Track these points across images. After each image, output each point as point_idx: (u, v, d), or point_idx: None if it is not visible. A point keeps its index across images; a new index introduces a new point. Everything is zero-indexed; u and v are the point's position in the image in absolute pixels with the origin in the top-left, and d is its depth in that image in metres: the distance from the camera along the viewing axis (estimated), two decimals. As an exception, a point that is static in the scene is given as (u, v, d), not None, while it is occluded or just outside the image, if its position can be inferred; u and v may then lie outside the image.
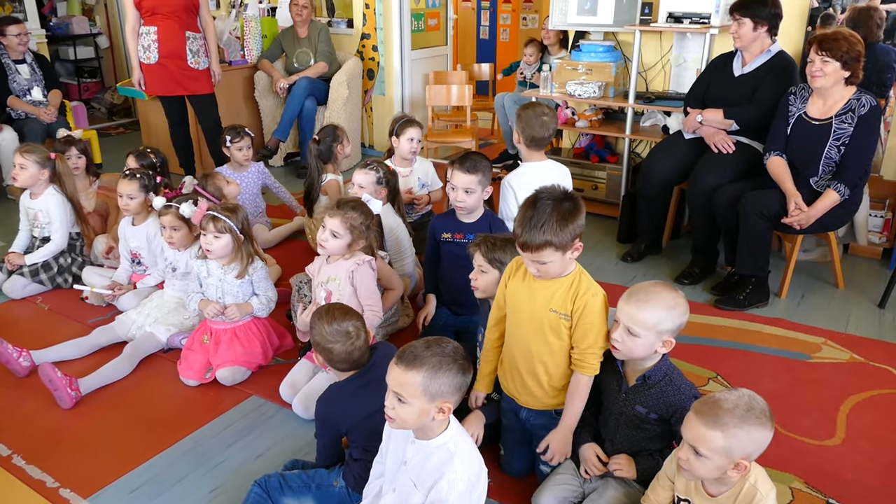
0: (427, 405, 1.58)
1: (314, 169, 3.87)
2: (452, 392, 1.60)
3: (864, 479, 2.23)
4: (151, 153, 3.73)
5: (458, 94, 5.73)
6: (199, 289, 2.84)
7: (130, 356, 2.85)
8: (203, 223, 2.70)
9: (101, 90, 7.73)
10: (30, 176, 3.45)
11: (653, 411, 1.90)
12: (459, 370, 1.60)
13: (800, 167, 3.23)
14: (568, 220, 1.85)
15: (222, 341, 2.77)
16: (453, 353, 1.61)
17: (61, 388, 2.57)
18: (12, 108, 4.92)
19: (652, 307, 1.81)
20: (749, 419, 1.54)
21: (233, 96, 5.56)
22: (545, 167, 3.03)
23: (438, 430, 1.66)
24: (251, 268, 2.80)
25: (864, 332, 3.13)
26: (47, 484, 2.21)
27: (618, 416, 1.98)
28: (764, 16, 3.37)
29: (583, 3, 4.33)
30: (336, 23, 6.22)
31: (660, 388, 1.89)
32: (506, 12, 8.45)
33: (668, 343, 1.85)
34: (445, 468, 1.62)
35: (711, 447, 1.54)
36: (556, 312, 1.96)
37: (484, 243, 2.31)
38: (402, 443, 1.74)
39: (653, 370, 1.90)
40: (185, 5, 4.41)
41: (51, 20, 7.16)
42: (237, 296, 2.80)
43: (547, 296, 1.97)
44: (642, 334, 1.82)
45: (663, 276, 3.70)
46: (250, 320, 2.85)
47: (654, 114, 4.38)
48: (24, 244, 3.59)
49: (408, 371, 1.58)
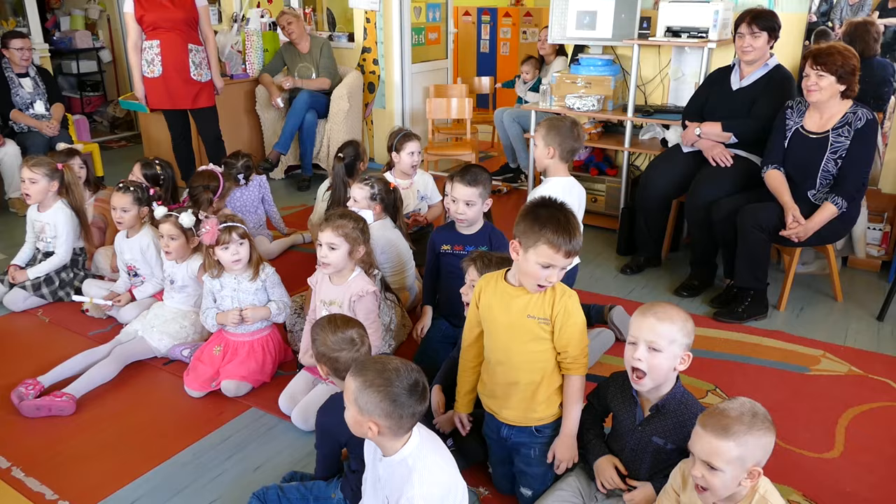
0: (359, 417, 1.61)
1: (340, 185, 3.84)
2: (377, 413, 1.58)
3: (862, 491, 2.23)
4: (158, 164, 3.75)
5: (458, 108, 5.76)
6: (213, 304, 2.85)
7: (119, 357, 2.86)
8: (222, 238, 2.71)
9: (103, 104, 7.78)
10: (41, 189, 3.46)
11: (670, 441, 1.86)
12: (384, 395, 1.57)
13: (797, 180, 3.24)
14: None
15: (239, 354, 2.79)
16: (382, 372, 1.60)
17: (50, 406, 2.60)
18: (15, 122, 4.95)
19: (671, 319, 1.81)
20: (756, 425, 1.54)
21: (234, 109, 5.60)
22: (570, 183, 3.01)
23: (397, 445, 1.64)
24: (263, 272, 2.82)
25: (863, 344, 3.13)
26: (46, 496, 2.21)
27: (634, 448, 1.93)
28: (777, 29, 3.41)
29: (582, 17, 4.37)
30: (337, 37, 6.26)
31: (676, 417, 1.85)
32: (506, 26, 8.50)
33: (687, 357, 1.84)
34: (405, 485, 1.61)
35: (726, 458, 1.53)
36: (534, 318, 1.95)
37: (480, 259, 2.32)
38: (376, 459, 1.74)
39: (667, 398, 1.87)
40: (186, 19, 4.45)
41: (54, 34, 7.22)
42: (253, 303, 2.82)
43: (522, 304, 1.96)
44: (665, 348, 1.80)
45: (662, 288, 3.71)
46: (268, 335, 2.87)
47: (653, 127, 4.41)
48: (27, 257, 3.60)
49: (349, 380, 1.64)
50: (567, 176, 3.03)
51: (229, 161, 4.01)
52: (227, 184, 3.54)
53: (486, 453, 2.24)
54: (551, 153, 2.97)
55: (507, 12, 8.49)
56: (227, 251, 2.73)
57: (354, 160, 3.88)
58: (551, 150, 2.96)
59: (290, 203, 5.13)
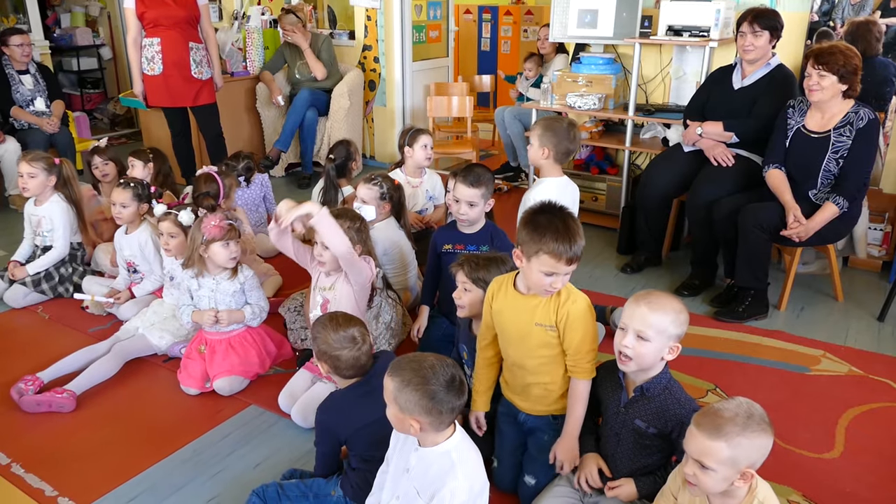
0: (400, 415, 1.64)
1: (331, 185, 3.84)
2: (417, 411, 1.60)
3: (862, 492, 2.23)
4: (150, 152, 3.77)
5: (459, 106, 5.76)
6: (191, 301, 2.84)
7: (119, 354, 2.85)
8: (227, 236, 2.70)
9: (103, 101, 7.77)
10: (39, 184, 3.48)
11: (652, 426, 1.89)
12: (423, 393, 1.60)
13: (799, 180, 3.24)
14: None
15: (217, 351, 2.78)
16: (419, 370, 1.62)
17: (50, 402, 2.60)
18: (15, 119, 4.95)
19: (663, 309, 1.82)
20: (751, 426, 1.53)
21: (235, 107, 5.59)
22: (564, 182, 3.01)
23: (441, 437, 1.67)
24: (242, 273, 2.81)
25: (863, 344, 3.13)
26: (46, 492, 2.22)
27: (618, 431, 1.96)
28: (779, 28, 3.40)
29: (583, 15, 4.36)
30: (338, 34, 6.26)
31: (660, 401, 1.88)
32: (507, 24, 8.50)
33: (676, 349, 1.85)
34: (447, 476, 1.63)
35: (717, 459, 1.53)
36: (541, 326, 1.98)
37: (467, 263, 2.33)
38: (406, 450, 1.75)
39: (652, 382, 1.89)
40: (187, 17, 4.44)
41: (54, 31, 7.21)
42: (230, 305, 2.80)
43: (529, 311, 1.99)
44: (654, 338, 1.81)
45: (663, 287, 3.70)
46: (244, 330, 2.85)
47: (654, 126, 4.40)
48: (26, 253, 3.60)
49: (387, 381, 1.66)
50: (561, 175, 3.02)
51: (230, 163, 4.01)
52: (227, 182, 3.54)
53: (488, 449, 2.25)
54: (546, 154, 2.96)
55: (508, 10, 8.47)
56: (227, 249, 2.72)
57: (346, 160, 3.88)
58: (546, 151, 2.95)
59: (291, 200, 5.11)
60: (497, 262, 2.31)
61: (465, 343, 2.41)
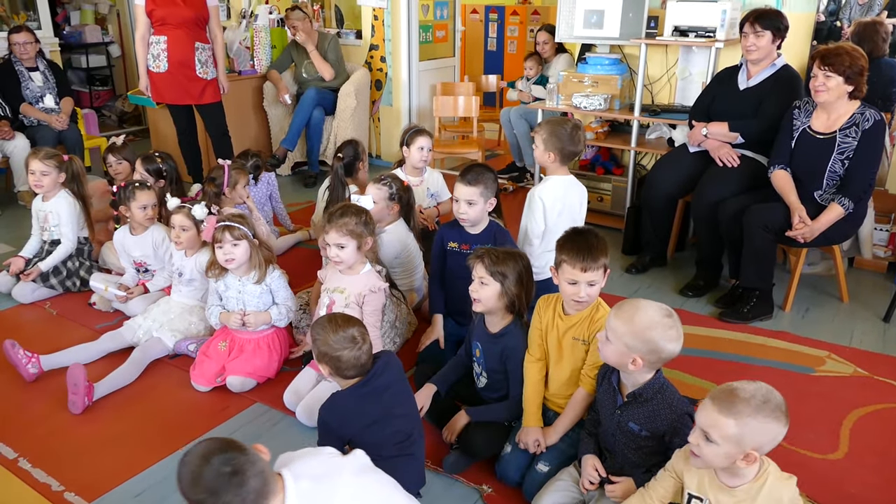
0: None
1: (339, 183, 3.84)
2: None
3: (867, 493, 2.23)
4: (159, 157, 3.78)
5: (465, 106, 5.76)
6: (219, 302, 2.86)
7: (138, 360, 2.88)
8: (217, 236, 2.71)
9: (112, 98, 7.81)
10: (52, 181, 3.51)
11: (645, 429, 1.90)
12: None
13: (804, 181, 3.23)
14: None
15: (245, 351, 2.80)
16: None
17: (81, 393, 2.59)
18: (25, 116, 4.98)
19: (627, 319, 1.83)
20: (764, 411, 1.53)
21: (242, 105, 5.61)
22: (570, 181, 3.02)
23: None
24: (269, 275, 2.81)
25: (869, 345, 3.13)
26: (52, 487, 2.23)
27: (614, 432, 1.99)
28: (782, 29, 3.40)
29: (589, 16, 4.37)
30: (345, 34, 6.27)
31: (652, 406, 1.89)
32: (513, 24, 8.50)
33: (640, 360, 1.82)
34: None
35: (722, 433, 1.54)
36: (578, 340, 2.17)
37: (487, 255, 2.31)
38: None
39: (644, 386, 1.90)
40: (195, 17, 4.46)
41: (64, 29, 7.24)
42: (258, 306, 2.82)
43: (569, 327, 2.19)
44: (614, 341, 1.85)
45: (668, 288, 3.71)
46: (273, 332, 2.87)
47: (660, 126, 4.40)
48: (34, 249, 3.63)
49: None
50: (567, 175, 3.03)
51: (239, 161, 4.03)
52: (233, 172, 3.55)
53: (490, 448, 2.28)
54: (552, 157, 2.98)
55: (514, 10, 8.47)
56: (221, 250, 2.72)
57: (354, 160, 3.88)
58: (551, 155, 2.97)
59: (296, 200, 5.14)
60: (515, 257, 2.31)
61: (479, 340, 2.39)
